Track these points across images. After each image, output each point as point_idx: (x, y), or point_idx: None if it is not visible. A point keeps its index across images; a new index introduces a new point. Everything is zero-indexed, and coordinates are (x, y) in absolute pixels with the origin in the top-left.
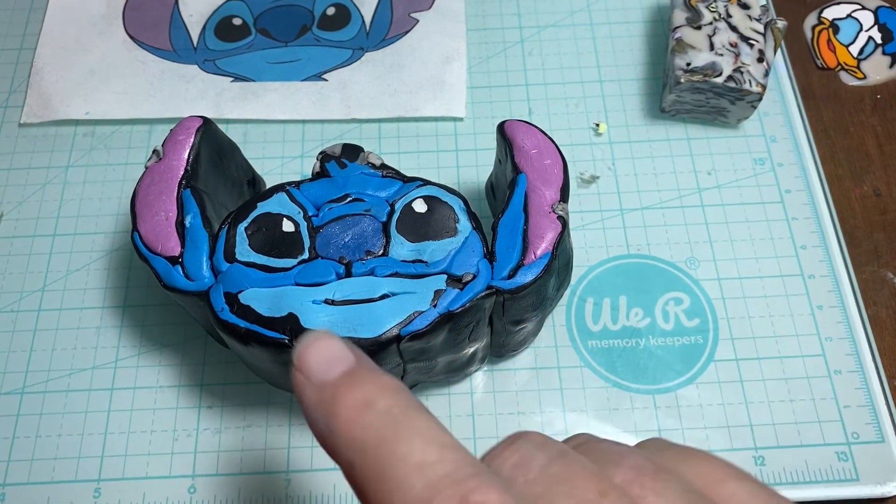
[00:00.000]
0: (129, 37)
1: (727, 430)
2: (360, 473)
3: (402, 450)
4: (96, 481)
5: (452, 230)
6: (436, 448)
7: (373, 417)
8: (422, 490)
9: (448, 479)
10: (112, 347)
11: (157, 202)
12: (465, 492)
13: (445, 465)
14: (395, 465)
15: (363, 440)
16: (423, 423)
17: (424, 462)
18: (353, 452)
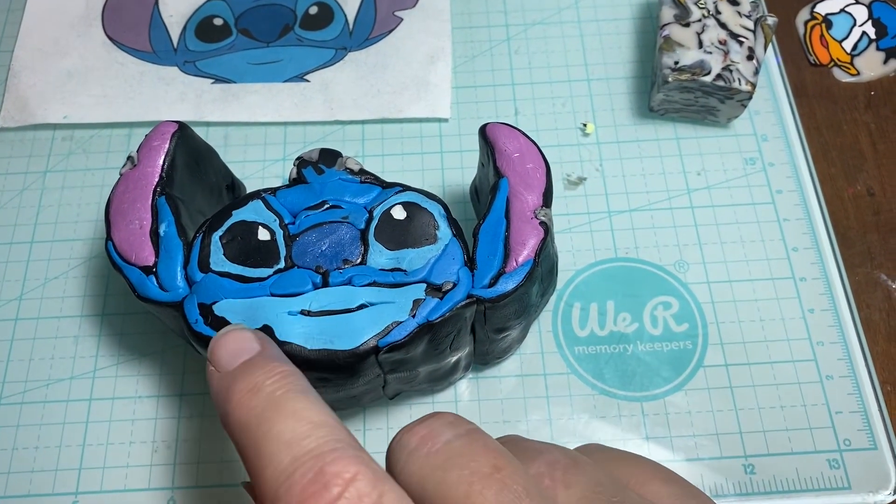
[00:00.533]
0: (109, 38)
1: (716, 438)
2: (243, 452)
3: (276, 428)
4: (74, 494)
5: (432, 237)
6: (307, 426)
7: (257, 401)
8: (288, 464)
9: (311, 454)
10: (90, 357)
11: (131, 210)
12: (323, 464)
13: (312, 441)
14: (269, 442)
15: (247, 421)
16: (301, 405)
17: (294, 439)
18: (239, 433)
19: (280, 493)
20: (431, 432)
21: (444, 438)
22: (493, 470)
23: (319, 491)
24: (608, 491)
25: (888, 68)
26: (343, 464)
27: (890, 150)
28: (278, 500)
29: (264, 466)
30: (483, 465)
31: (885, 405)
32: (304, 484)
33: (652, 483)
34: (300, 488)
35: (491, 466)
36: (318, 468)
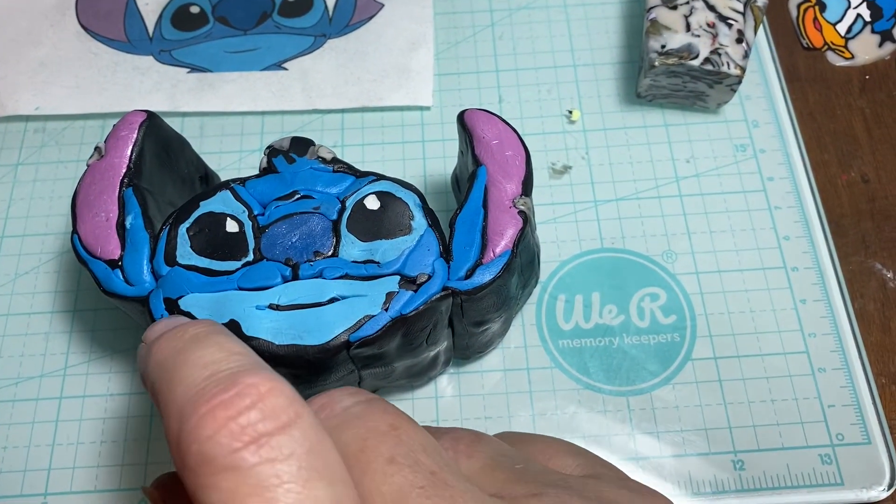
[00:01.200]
0: (82, 27)
1: (705, 433)
2: (158, 387)
3: (195, 356)
4: (43, 495)
5: (407, 228)
6: (225, 353)
7: (181, 341)
8: (201, 381)
9: (227, 372)
10: (61, 354)
11: (97, 202)
12: (238, 377)
13: (230, 363)
14: (185, 367)
15: (166, 357)
16: (222, 339)
17: (212, 362)
18: (156, 370)
19: (188, 406)
20: (331, 400)
21: (343, 405)
22: (389, 428)
23: (231, 399)
24: (511, 460)
25: (883, 52)
26: (259, 378)
27: (885, 135)
28: (184, 413)
29: (175, 387)
30: (380, 424)
31: (880, 398)
32: (215, 392)
33: (559, 456)
34: (209, 397)
35: (388, 425)
36: (232, 380)
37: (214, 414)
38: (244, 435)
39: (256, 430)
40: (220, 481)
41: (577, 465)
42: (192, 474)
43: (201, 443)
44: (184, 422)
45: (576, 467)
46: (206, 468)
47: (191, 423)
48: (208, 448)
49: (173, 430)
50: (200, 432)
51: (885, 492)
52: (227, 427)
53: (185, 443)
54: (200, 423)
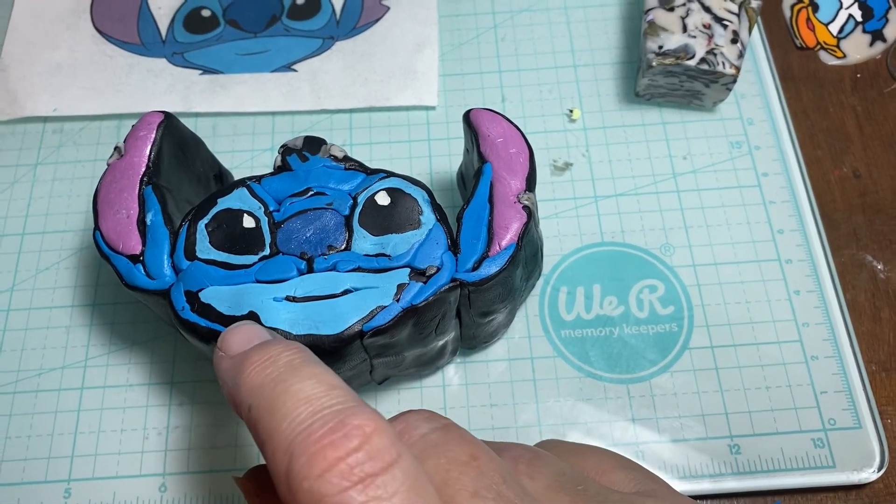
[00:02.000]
0: (97, 31)
1: (702, 419)
2: (255, 413)
3: (294, 388)
4: (66, 481)
5: (416, 222)
6: (325, 387)
7: (273, 367)
8: (306, 417)
9: (330, 410)
10: (82, 346)
11: (118, 200)
12: (343, 416)
13: (331, 399)
14: (286, 399)
15: (262, 384)
16: (317, 370)
17: (313, 396)
18: (252, 395)
19: (295, 443)
20: (408, 426)
21: (420, 432)
22: (469, 458)
23: (339, 440)
24: (571, 481)
25: (874, 51)
26: (363, 418)
27: (876, 132)
28: (293, 449)
29: (279, 421)
30: (460, 454)
31: (870, 385)
32: (323, 433)
33: (612, 472)
34: (318, 437)
35: (468, 455)
36: (339, 420)
37: (325, 454)
38: (352, 475)
39: (364, 471)
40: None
41: (629, 480)
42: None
43: (312, 480)
44: (294, 458)
45: (628, 482)
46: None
47: (301, 460)
48: (318, 486)
49: (281, 464)
50: (311, 471)
51: (874, 473)
52: (336, 467)
53: (296, 479)
54: (311, 462)
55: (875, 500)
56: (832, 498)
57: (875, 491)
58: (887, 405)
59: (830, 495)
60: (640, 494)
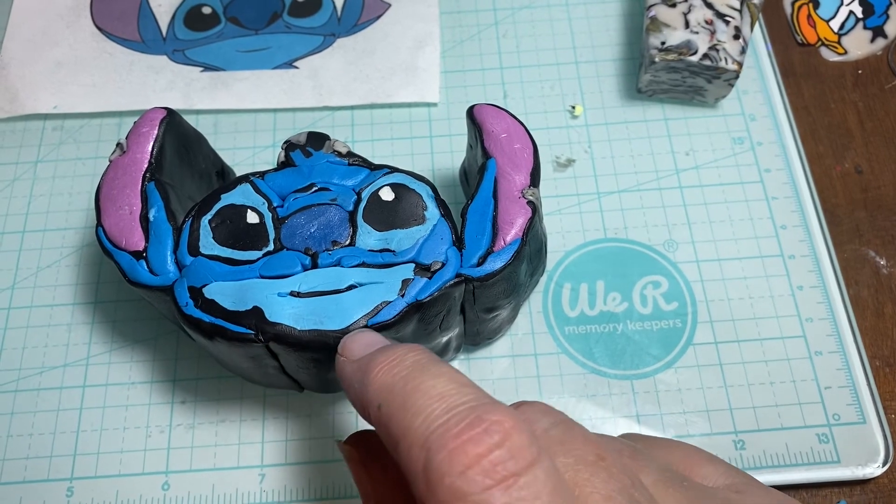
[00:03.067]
0: (98, 28)
1: (706, 415)
2: (386, 411)
3: (426, 385)
4: (69, 480)
5: (420, 218)
6: (456, 385)
7: (401, 367)
8: (441, 412)
9: (466, 406)
10: (84, 344)
11: (120, 196)
12: (480, 412)
13: (464, 397)
14: (418, 397)
15: (392, 383)
16: (445, 369)
17: (445, 393)
18: (382, 394)
19: (432, 439)
20: (527, 420)
21: (541, 426)
22: (597, 458)
23: (479, 436)
24: (675, 477)
25: (875, 47)
26: (501, 415)
27: (877, 127)
28: (430, 445)
29: (413, 417)
30: (587, 454)
31: (874, 380)
32: (461, 428)
33: (701, 465)
34: (456, 432)
35: (595, 455)
36: (476, 416)
37: (465, 449)
38: (495, 473)
39: (506, 469)
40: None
41: (718, 475)
42: None
43: (454, 477)
44: (432, 454)
45: (717, 476)
46: (460, 501)
47: (440, 456)
48: (461, 483)
49: (418, 460)
50: (452, 467)
51: (879, 468)
52: (479, 465)
53: (436, 475)
54: (452, 457)
55: (880, 494)
56: (837, 493)
57: (880, 486)
58: (891, 400)
59: (835, 490)
60: (732, 489)
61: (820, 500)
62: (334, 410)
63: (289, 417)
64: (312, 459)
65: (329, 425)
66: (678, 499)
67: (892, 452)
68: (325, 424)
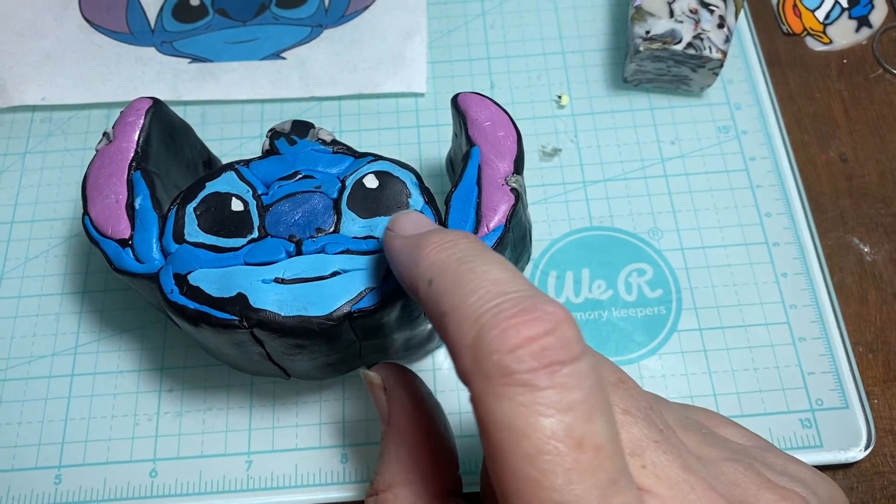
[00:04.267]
0: (86, 20)
1: (691, 400)
2: (437, 286)
3: (481, 269)
4: (57, 468)
5: (404, 205)
6: (510, 274)
7: (455, 248)
8: (496, 295)
9: (520, 293)
10: (72, 334)
11: (107, 185)
12: (535, 301)
13: (518, 285)
14: (473, 278)
15: (446, 261)
16: (500, 258)
17: (500, 279)
18: (434, 270)
19: (486, 317)
20: None
21: None
22: (618, 381)
23: (532, 321)
24: (695, 423)
25: (860, 36)
26: (554, 307)
27: (862, 116)
28: (482, 322)
29: (467, 295)
30: (610, 376)
31: (857, 365)
32: (516, 311)
33: (723, 426)
34: (510, 314)
35: (617, 378)
36: (530, 303)
37: (518, 330)
38: (543, 357)
39: (554, 356)
40: (515, 394)
41: (740, 435)
42: (486, 380)
43: (503, 354)
44: (484, 330)
45: (740, 437)
46: (503, 379)
47: (492, 333)
48: (509, 361)
49: (468, 334)
50: (503, 344)
51: (861, 452)
52: (528, 347)
53: (485, 350)
54: (503, 335)
55: (862, 478)
56: None
57: (862, 469)
58: (874, 385)
59: None
60: (761, 448)
61: None
62: (321, 397)
63: (276, 405)
64: (299, 446)
65: (316, 412)
66: (698, 440)
67: (874, 436)
68: (311, 411)
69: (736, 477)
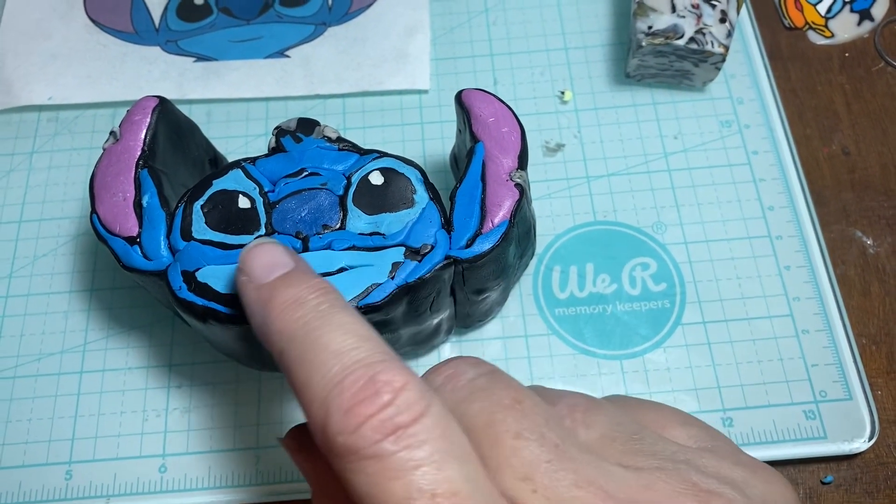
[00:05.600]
0: (91, 20)
1: (695, 393)
2: (287, 358)
3: (324, 339)
4: (67, 463)
5: (409, 201)
6: (354, 338)
7: (302, 312)
8: (338, 371)
9: (360, 363)
10: (80, 331)
11: (114, 183)
12: (373, 373)
13: (360, 352)
14: (317, 351)
15: (293, 330)
16: (346, 319)
17: (342, 349)
18: (284, 341)
19: (330, 398)
20: (456, 371)
21: (467, 376)
22: (513, 402)
23: (371, 397)
24: (628, 430)
25: (862, 30)
26: (393, 373)
27: (864, 109)
28: (328, 405)
29: (311, 373)
30: (504, 398)
31: (860, 357)
32: (356, 390)
33: (672, 427)
34: (351, 394)
35: (511, 399)
36: (369, 376)
37: (357, 411)
38: (384, 428)
39: (394, 423)
40: (366, 467)
41: (689, 437)
42: (340, 459)
43: (346, 435)
44: (329, 414)
45: (688, 438)
46: (352, 456)
47: (336, 417)
48: (353, 440)
49: (318, 418)
50: (346, 427)
51: (865, 443)
52: (369, 423)
53: (332, 433)
54: (346, 419)
55: (866, 469)
56: (824, 468)
57: (866, 460)
58: (877, 377)
59: (822, 466)
60: (702, 450)
61: (807, 475)
62: None
63: (283, 400)
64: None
65: None
66: (622, 451)
67: (877, 427)
68: None
69: (655, 484)
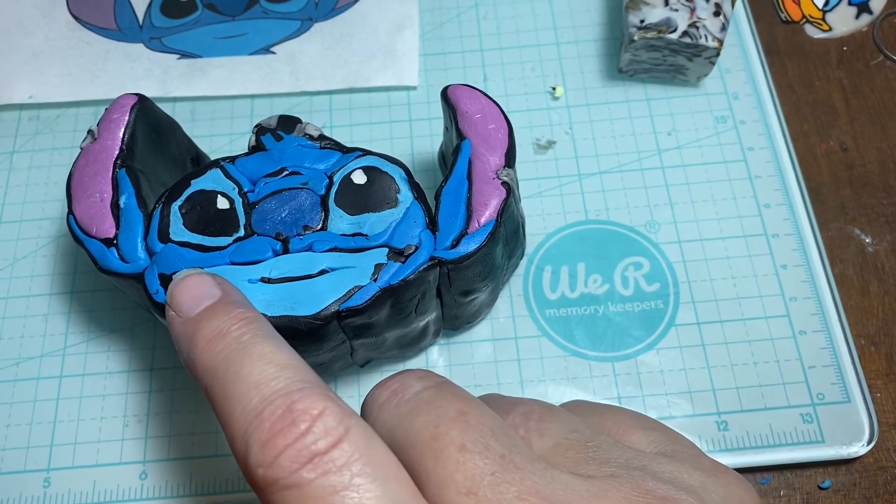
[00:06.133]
0: (73, 17)
1: (689, 396)
2: (211, 394)
3: (244, 371)
4: (46, 471)
5: (393, 201)
6: (274, 368)
7: (224, 345)
8: (257, 403)
9: (279, 393)
10: (60, 334)
11: (91, 183)
12: (290, 402)
13: (280, 382)
14: (237, 384)
15: (215, 365)
16: (266, 348)
17: (262, 380)
18: (207, 376)
19: (250, 430)
20: (402, 385)
21: (413, 390)
22: (458, 414)
23: (288, 427)
24: (583, 437)
25: (860, 23)
26: (310, 401)
27: (862, 105)
28: (248, 437)
29: (233, 407)
30: (449, 410)
31: (859, 359)
32: (273, 420)
33: (631, 432)
34: (269, 425)
35: (457, 411)
36: (287, 405)
37: (275, 442)
38: (301, 456)
39: (311, 451)
40: (286, 497)
41: (649, 442)
42: (261, 492)
43: (265, 468)
44: (249, 447)
45: (648, 444)
46: (272, 487)
47: (255, 449)
48: (272, 472)
49: (240, 451)
50: (264, 459)
51: (864, 447)
52: (285, 453)
53: (252, 467)
54: (264, 451)
55: (865, 473)
56: (822, 473)
57: (865, 465)
58: (876, 379)
59: (820, 470)
60: (660, 455)
61: (804, 480)
62: None
63: None
64: None
65: None
66: (576, 459)
67: (876, 431)
68: None
69: (607, 493)
